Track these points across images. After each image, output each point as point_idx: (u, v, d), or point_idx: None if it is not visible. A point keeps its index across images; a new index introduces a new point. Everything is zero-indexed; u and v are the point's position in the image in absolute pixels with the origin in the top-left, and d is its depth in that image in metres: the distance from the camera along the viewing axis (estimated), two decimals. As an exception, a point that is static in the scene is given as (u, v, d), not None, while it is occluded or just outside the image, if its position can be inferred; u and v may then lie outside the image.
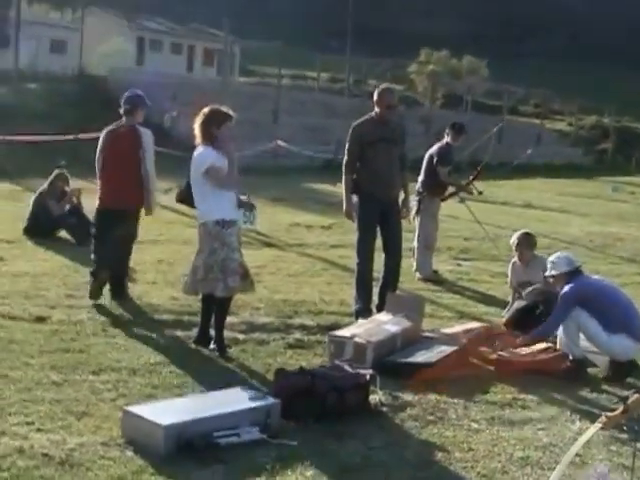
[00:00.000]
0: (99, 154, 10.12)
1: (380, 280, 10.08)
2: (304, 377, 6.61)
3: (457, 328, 9.28)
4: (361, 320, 9.08)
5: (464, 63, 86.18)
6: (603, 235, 20.09)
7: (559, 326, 8.39)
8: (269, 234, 15.58)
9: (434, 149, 13.04)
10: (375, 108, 10.13)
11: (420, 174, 12.89)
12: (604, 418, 5.75)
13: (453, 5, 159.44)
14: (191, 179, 8.28)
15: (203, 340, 8.26)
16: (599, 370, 8.40)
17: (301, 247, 14.90)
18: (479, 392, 7.51)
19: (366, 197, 9.98)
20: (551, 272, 8.65)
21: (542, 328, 8.60)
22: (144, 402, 6.35)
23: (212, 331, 8.26)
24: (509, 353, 8.51)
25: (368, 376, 6.82)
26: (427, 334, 8.91)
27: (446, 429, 6.56)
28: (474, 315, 10.48)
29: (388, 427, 6.53)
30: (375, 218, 10.04)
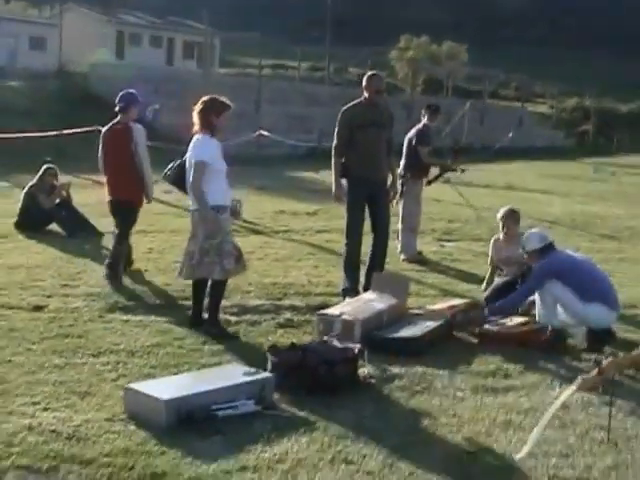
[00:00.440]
0: (100, 151, 10.85)
1: (367, 261, 10.37)
2: (295, 352, 6.93)
3: (441, 305, 9.60)
4: (348, 299, 9.39)
5: (444, 48, 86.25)
6: (584, 214, 20.46)
7: (526, 298, 8.76)
8: (256, 221, 15.88)
9: (412, 132, 13.36)
10: (364, 93, 10.41)
11: (402, 158, 13.19)
12: (580, 380, 6.08)
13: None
14: (187, 164, 8.47)
15: (196, 322, 8.54)
16: (578, 341, 8.72)
17: (287, 233, 15.20)
18: (463, 363, 7.82)
19: (355, 180, 10.24)
20: (525, 249, 8.97)
21: (509, 299, 8.95)
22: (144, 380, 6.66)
23: (205, 315, 8.55)
24: (492, 326, 8.82)
25: (356, 350, 7.13)
26: (413, 311, 9.24)
27: (432, 398, 6.87)
28: (457, 293, 10.79)
29: (377, 397, 6.84)
30: (364, 201, 10.30)
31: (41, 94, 38.38)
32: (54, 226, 14.07)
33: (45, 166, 14.69)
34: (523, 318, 8.98)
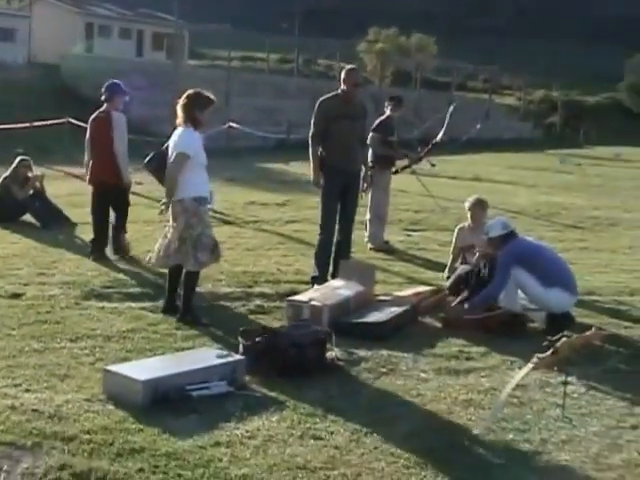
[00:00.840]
0: (87, 137, 11.84)
1: (334, 249, 10.68)
2: (266, 336, 7.23)
3: (407, 291, 9.95)
4: (316, 286, 9.70)
5: (413, 40, 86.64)
6: (549, 204, 20.89)
7: (504, 287, 9.03)
8: (226, 212, 16.15)
9: (376, 123, 13.70)
10: (342, 86, 10.72)
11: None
12: (536, 360, 6.42)
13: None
14: (169, 156, 8.64)
15: (170, 309, 8.80)
16: (538, 325, 9.07)
17: (257, 223, 15.48)
18: (428, 347, 8.15)
19: (330, 170, 10.54)
20: (488, 235, 9.31)
21: (487, 291, 9.15)
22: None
23: (178, 302, 8.82)
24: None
25: (324, 333, 7.44)
26: (380, 297, 9.57)
27: (397, 379, 7.19)
28: (423, 280, 11.12)
29: (344, 379, 7.15)
30: (338, 191, 10.61)
31: (11, 86, 38.44)
32: (28, 217, 14.29)
33: (19, 158, 14.90)
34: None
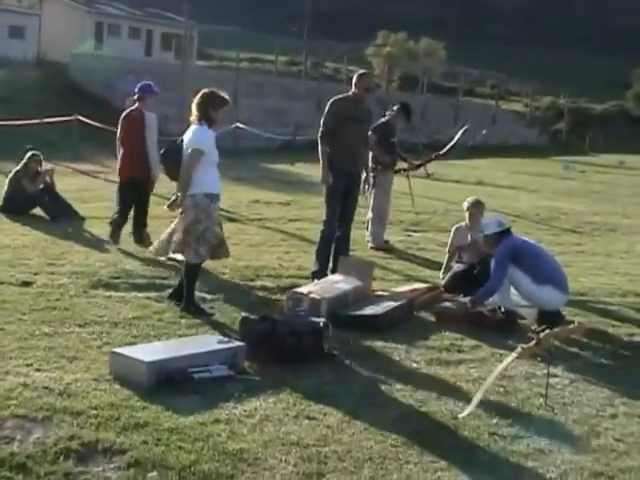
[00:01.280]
0: (118, 134, 12.50)
1: (333, 246, 11.03)
2: (266, 324, 7.58)
3: (404, 287, 10.30)
4: (316, 280, 10.06)
5: (421, 45, 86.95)
6: (549, 209, 21.20)
7: (502, 282, 9.31)
8: (231, 210, 16.50)
9: (376, 124, 14.00)
10: (353, 89, 11.15)
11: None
12: (520, 349, 6.77)
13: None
14: (184, 152, 8.88)
15: (175, 295, 9.14)
16: (529, 322, 9.40)
17: (261, 221, 15.85)
18: (421, 339, 8.51)
19: (336, 172, 10.90)
20: (484, 233, 9.66)
21: (486, 287, 9.37)
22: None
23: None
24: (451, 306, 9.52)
25: (322, 323, 7.79)
26: (377, 292, 9.93)
27: (390, 368, 7.54)
28: (420, 278, 11.47)
29: (339, 367, 7.49)
30: (342, 190, 11.00)
31: (22, 83, 38.84)
32: (38, 210, 14.64)
33: (30, 153, 15.24)
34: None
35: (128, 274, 10.38)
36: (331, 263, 10.94)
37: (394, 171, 14.36)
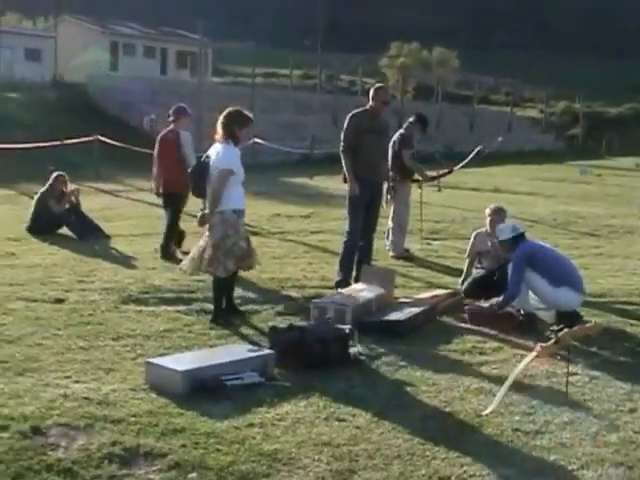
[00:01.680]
0: (155, 152, 13.57)
1: (357, 255, 11.30)
2: (293, 332, 7.86)
3: (425, 294, 10.56)
4: (340, 290, 10.33)
5: (434, 55, 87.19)
6: (566, 214, 21.35)
7: (520, 288, 9.51)
8: (253, 224, 16.75)
9: (396, 136, 14.26)
10: (370, 102, 11.47)
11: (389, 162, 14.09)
12: (539, 348, 7.01)
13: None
14: (212, 170, 9.15)
15: (233, 310, 9.56)
16: (548, 324, 9.63)
17: (283, 234, 16.13)
18: (443, 343, 8.77)
19: (359, 183, 11.18)
20: (499, 239, 9.91)
21: (506, 295, 9.56)
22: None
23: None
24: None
25: (347, 330, 8.05)
26: (400, 299, 10.20)
27: (414, 371, 7.79)
28: (441, 285, 11.70)
29: (365, 371, 7.77)
30: (365, 202, 11.29)
31: (40, 105, 39.27)
32: (64, 230, 14.96)
33: (55, 173, 15.58)
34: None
35: (157, 289, 10.66)
36: (354, 272, 11.20)
37: (411, 181, 14.59)
